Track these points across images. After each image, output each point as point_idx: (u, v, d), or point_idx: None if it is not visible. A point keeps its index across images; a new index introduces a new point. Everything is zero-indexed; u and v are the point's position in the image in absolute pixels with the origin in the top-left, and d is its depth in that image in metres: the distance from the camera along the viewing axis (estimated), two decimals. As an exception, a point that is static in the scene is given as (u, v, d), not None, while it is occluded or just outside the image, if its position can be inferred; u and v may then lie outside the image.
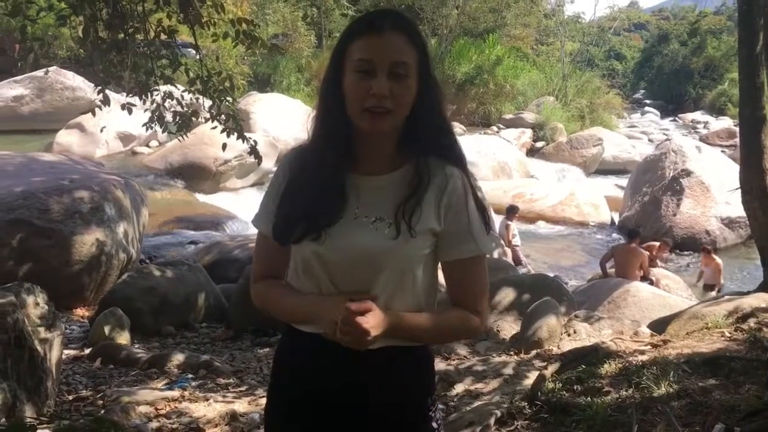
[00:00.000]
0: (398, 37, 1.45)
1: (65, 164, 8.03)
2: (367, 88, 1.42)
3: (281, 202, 1.53)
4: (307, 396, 1.55)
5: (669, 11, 66.01)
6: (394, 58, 1.43)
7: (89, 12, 5.15)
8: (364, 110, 1.44)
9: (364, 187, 1.51)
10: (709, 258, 10.44)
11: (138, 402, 3.83)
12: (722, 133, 27.40)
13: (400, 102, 1.44)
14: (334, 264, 1.48)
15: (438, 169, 1.51)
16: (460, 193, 1.51)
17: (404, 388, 1.54)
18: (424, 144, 1.51)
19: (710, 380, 3.34)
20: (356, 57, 1.44)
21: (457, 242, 1.51)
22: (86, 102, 14.90)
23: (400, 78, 1.43)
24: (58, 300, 4.48)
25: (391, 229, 1.46)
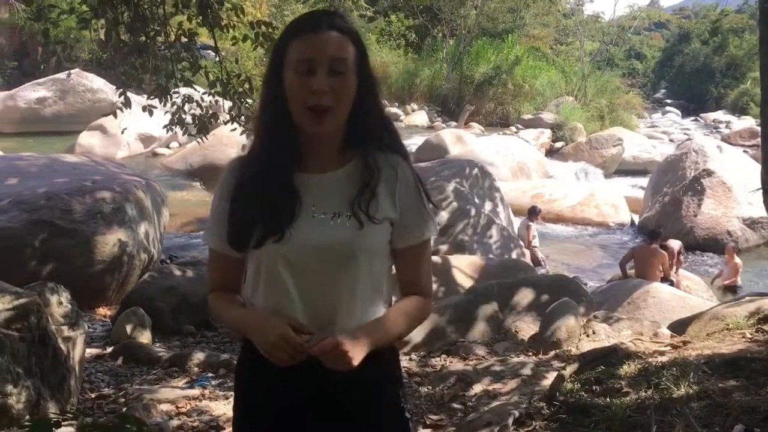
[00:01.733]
0: (336, 35, 1.46)
1: (87, 165, 8.13)
2: (308, 86, 1.43)
3: (233, 209, 1.52)
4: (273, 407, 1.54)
5: (690, 10, 65.38)
6: (333, 55, 1.45)
7: (111, 15, 5.22)
8: (306, 110, 1.45)
9: (314, 185, 1.52)
10: (731, 257, 10.39)
11: (159, 400, 3.88)
12: (744, 132, 27.07)
13: (340, 98, 1.45)
14: (300, 264, 1.48)
15: (384, 161, 1.54)
16: (410, 180, 1.55)
17: (376, 387, 1.55)
18: (369, 138, 1.54)
19: (731, 381, 3.32)
20: (295, 57, 1.45)
21: (414, 228, 1.56)
22: (108, 104, 15.02)
23: (340, 75, 1.45)
24: (81, 299, 4.54)
25: (351, 221, 1.48)
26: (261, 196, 1.49)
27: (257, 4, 22.57)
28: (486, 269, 6.95)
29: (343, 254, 1.48)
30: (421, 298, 1.60)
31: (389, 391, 1.60)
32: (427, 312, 1.65)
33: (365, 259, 1.50)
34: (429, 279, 1.64)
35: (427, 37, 28.34)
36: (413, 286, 1.60)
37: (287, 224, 1.47)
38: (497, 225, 9.49)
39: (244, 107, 5.85)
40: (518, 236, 10.41)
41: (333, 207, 1.50)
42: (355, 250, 1.48)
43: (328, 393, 1.51)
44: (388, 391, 1.59)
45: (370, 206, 1.50)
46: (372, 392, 1.54)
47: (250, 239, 1.49)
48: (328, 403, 1.52)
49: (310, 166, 1.53)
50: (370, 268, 1.52)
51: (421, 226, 1.57)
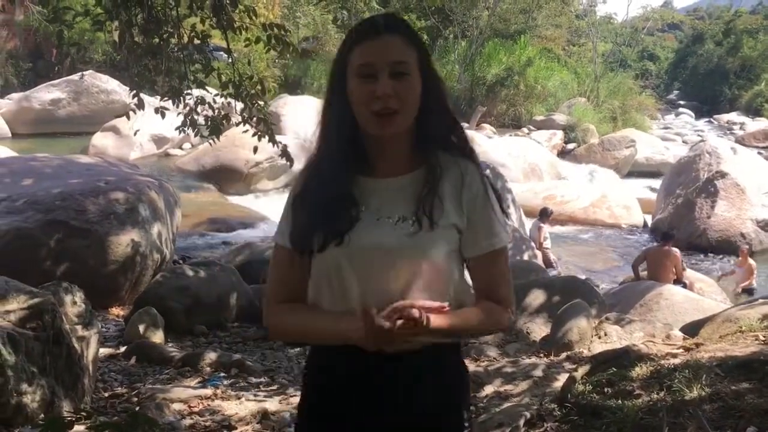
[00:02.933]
0: (395, 38, 1.47)
1: (101, 166, 8.18)
2: (372, 92, 1.44)
3: (297, 212, 1.54)
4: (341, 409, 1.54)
5: (704, 11, 64.98)
6: (394, 58, 1.45)
7: (125, 17, 5.25)
8: (372, 114, 1.45)
9: (382, 189, 1.52)
10: (745, 259, 10.32)
11: (172, 399, 3.90)
12: (759, 134, 26.90)
13: (405, 100, 1.45)
14: (363, 267, 1.47)
15: (451, 164, 1.52)
16: (479, 186, 1.52)
17: (442, 395, 1.53)
18: (437, 141, 1.53)
19: (743, 384, 3.30)
20: (357, 63, 1.46)
21: (484, 236, 1.52)
22: (121, 105, 15.12)
23: (402, 77, 1.45)
24: (95, 299, 4.58)
25: (414, 225, 1.47)
26: (321, 202, 1.49)
27: (269, 6, 22.65)
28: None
29: (403, 258, 1.46)
30: (496, 305, 1.55)
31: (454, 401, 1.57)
32: (504, 320, 1.59)
33: (427, 263, 1.47)
34: (506, 289, 1.58)
35: (439, 38, 28.32)
36: (487, 296, 1.56)
37: (347, 229, 1.47)
38: (509, 226, 9.45)
39: (256, 109, 5.87)
40: (530, 238, 10.39)
41: (399, 211, 1.49)
42: (415, 254, 1.46)
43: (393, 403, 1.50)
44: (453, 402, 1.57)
45: (434, 211, 1.48)
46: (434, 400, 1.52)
47: (312, 244, 1.49)
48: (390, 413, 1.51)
49: (377, 170, 1.53)
50: (434, 273, 1.49)
51: (490, 234, 1.53)
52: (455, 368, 1.59)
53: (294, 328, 1.59)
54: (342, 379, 1.52)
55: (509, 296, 1.58)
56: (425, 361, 1.49)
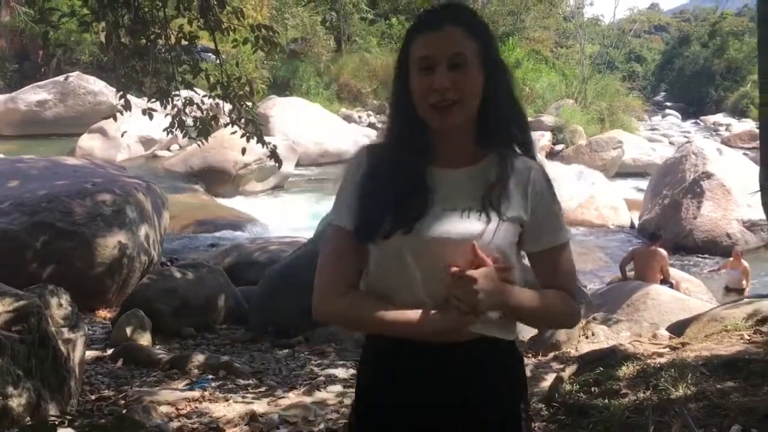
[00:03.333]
0: (455, 29, 1.46)
1: (88, 168, 8.14)
2: (430, 84, 1.44)
3: (362, 201, 1.50)
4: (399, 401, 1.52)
5: (690, 13, 65.39)
6: (452, 50, 1.44)
7: (111, 18, 5.24)
8: (430, 107, 1.45)
9: (446, 180, 1.51)
10: (738, 261, 10.35)
11: (159, 402, 3.88)
12: (744, 135, 27.10)
13: (464, 91, 1.44)
14: (427, 256, 1.46)
15: (519, 161, 1.53)
16: (543, 183, 1.53)
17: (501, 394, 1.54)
18: (500, 133, 1.53)
19: (728, 382, 3.33)
20: (417, 55, 1.47)
21: (548, 230, 1.53)
22: (108, 106, 15.06)
23: (460, 68, 1.44)
24: (81, 301, 4.56)
25: (482, 216, 1.47)
26: (391, 189, 1.48)
27: (258, 7, 22.61)
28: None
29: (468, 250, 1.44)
30: (564, 293, 1.55)
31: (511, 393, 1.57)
32: (576, 312, 1.62)
33: (491, 255, 1.45)
34: (571, 284, 1.58)
35: (427, 40, 28.31)
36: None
37: (416, 218, 1.46)
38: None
39: (245, 110, 5.87)
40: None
41: (464, 203, 1.48)
42: (482, 245, 1.44)
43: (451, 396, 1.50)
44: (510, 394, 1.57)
45: (501, 203, 1.48)
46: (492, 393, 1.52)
47: (378, 231, 1.47)
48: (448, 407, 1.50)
49: (441, 160, 1.52)
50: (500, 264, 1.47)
51: (554, 230, 1.54)
52: (511, 362, 1.59)
53: (356, 318, 1.54)
54: (401, 371, 1.51)
55: (573, 289, 1.58)
56: (482, 355, 1.50)
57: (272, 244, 8.80)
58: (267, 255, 8.13)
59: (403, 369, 1.51)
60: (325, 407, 3.93)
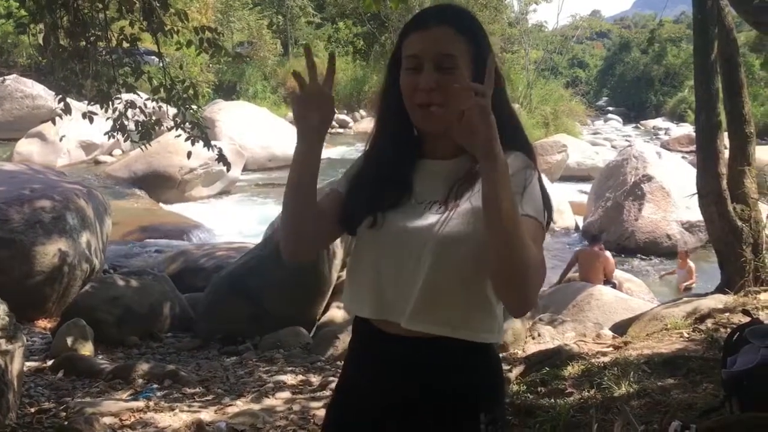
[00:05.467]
0: (445, 29, 1.44)
1: (26, 174, 7.90)
2: (416, 83, 1.43)
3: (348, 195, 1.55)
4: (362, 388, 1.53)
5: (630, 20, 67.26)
6: (439, 51, 1.42)
7: (50, 20, 5.10)
8: (415, 106, 1.44)
9: (429, 172, 1.51)
10: (684, 261, 10.70)
11: (102, 413, 3.78)
12: (683, 139, 27.91)
13: (450, 94, 1.39)
14: (382, 246, 1.47)
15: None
16: (515, 165, 1.39)
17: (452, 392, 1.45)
18: None
19: (669, 380, 3.43)
20: (406, 54, 1.46)
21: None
22: (47, 110, 14.69)
23: (448, 70, 1.42)
24: (20, 311, 4.41)
25: (440, 208, 1.44)
26: (369, 189, 1.50)
27: (203, 10, 22.33)
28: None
29: (420, 241, 1.42)
30: None
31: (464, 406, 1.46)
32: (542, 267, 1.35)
33: (445, 248, 1.40)
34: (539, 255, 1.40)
35: (374, 44, 28.46)
36: None
37: (382, 210, 1.47)
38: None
39: (189, 113, 5.78)
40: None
41: (433, 195, 1.47)
42: (427, 236, 1.41)
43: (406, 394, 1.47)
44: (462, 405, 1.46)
45: (463, 196, 1.43)
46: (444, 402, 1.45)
47: (353, 219, 1.51)
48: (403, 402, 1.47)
49: (427, 152, 1.52)
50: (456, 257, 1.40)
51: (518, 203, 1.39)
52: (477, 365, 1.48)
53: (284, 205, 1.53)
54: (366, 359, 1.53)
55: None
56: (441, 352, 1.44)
57: (219, 249, 8.68)
58: (214, 261, 8.02)
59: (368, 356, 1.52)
60: (273, 414, 3.89)
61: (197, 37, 5.30)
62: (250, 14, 26.03)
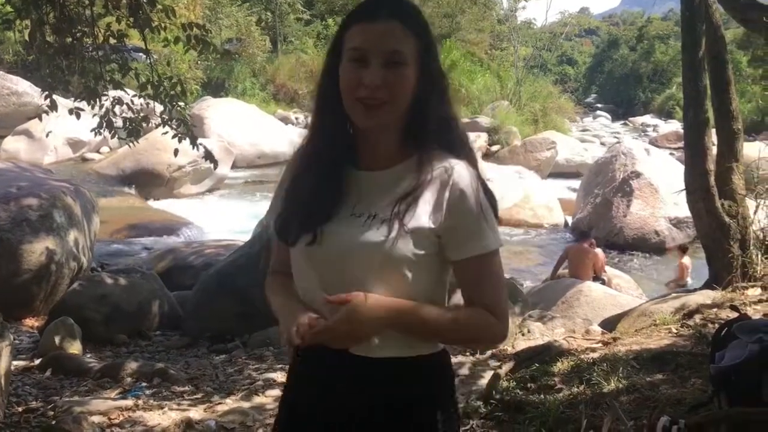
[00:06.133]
0: (395, 24, 1.36)
1: (12, 171, 7.85)
2: (360, 78, 1.34)
3: (282, 204, 1.48)
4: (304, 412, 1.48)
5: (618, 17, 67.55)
6: (389, 47, 1.34)
7: (36, 16, 5.05)
8: (357, 101, 1.35)
9: (364, 182, 1.42)
10: (679, 257, 10.75)
11: (90, 412, 3.76)
12: (671, 135, 28.09)
13: (396, 92, 1.35)
14: (323, 264, 1.40)
15: (440, 162, 1.39)
16: (466, 186, 1.37)
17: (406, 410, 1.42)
18: (427, 136, 1.41)
19: (657, 375, 3.44)
20: (350, 45, 1.37)
21: (465, 239, 1.38)
22: (33, 107, 14.55)
23: (396, 67, 1.34)
24: (7, 310, 4.40)
25: (382, 226, 1.36)
26: (303, 194, 1.42)
27: (191, 7, 22.21)
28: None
29: (360, 259, 1.37)
30: (488, 312, 1.39)
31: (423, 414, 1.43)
32: (495, 332, 1.42)
33: (391, 268, 1.36)
34: (497, 298, 1.41)
35: (363, 41, 28.39)
36: (475, 302, 1.41)
37: (319, 224, 1.39)
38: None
39: (176, 110, 5.74)
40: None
41: (372, 208, 1.39)
42: (372, 256, 1.36)
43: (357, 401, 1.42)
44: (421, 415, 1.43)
45: (408, 213, 1.36)
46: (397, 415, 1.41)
47: (288, 236, 1.44)
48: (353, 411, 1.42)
49: (364, 162, 1.43)
50: (400, 279, 1.37)
51: (476, 237, 1.38)
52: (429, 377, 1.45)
53: (269, 298, 1.57)
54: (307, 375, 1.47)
55: (500, 306, 1.42)
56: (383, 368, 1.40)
57: (208, 247, 8.65)
58: (202, 259, 7.99)
59: (309, 372, 1.46)
60: (263, 412, 3.88)
61: (185, 33, 5.27)
62: (239, 11, 25.92)
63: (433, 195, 1.38)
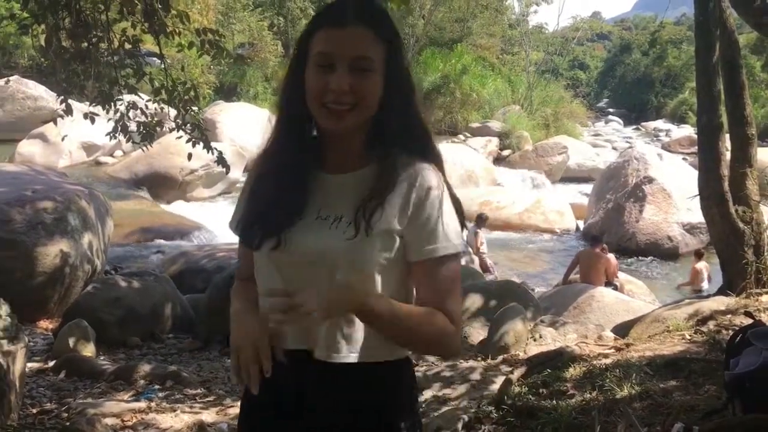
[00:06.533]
0: (362, 30, 1.34)
1: (28, 175, 7.91)
2: (326, 83, 1.33)
3: (245, 207, 1.47)
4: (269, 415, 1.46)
5: (631, 21, 67.25)
6: (356, 53, 1.33)
7: (52, 21, 5.10)
8: (322, 107, 1.34)
9: (329, 185, 1.42)
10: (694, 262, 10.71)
11: (104, 414, 3.79)
12: (684, 140, 27.93)
13: (362, 97, 1.34)
14: (287, 267, 1.39)
15: (407, 166, 1.39)
16: (430, 188, 1.38)
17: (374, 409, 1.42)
18: (393, 140, 1.40)
19: (671, 381, 3.42)
20: (316, 50, 1.35)
21: (426, 240, 1.37)
22: (48, 111, 14.67)
23: (363, 73, 1.33)
24: (22, 312, 4.42)
25: (349, 228, 1.35)
26: (267, 198, 1.41)
27: (204, 12, 22.34)
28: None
29: (325, 262, 1.36)
30: (447, 318, 1.38)
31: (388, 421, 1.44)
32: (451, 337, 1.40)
33: (358, 271, 1.36)
34: (454, 305, 1.40)
35: (375, 45, 28.45)
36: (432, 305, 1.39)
37: (285, 228, 1.38)
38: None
39: (190, 115, 5.78)
40: (467, 243, 10.52)
41: (338, 210, 1.38)
42: (338, 259, 1.35)
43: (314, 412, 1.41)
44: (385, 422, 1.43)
45: (374, 215, 1.35)
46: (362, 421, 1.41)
47: (253, 241, 1.42)
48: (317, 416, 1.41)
49: (329, 165, 1.43)
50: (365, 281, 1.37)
51: (434, 239, 1.37)
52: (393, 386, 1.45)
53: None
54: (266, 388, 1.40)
55: (456, 313, 1.40)
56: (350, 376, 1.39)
57: (220, 250, 8.68)
58: (215, 262, 8.02)
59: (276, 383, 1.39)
60: (275, 415, 3.88)
61: (199, 38, 5.30)
62: (251, 16, 26.02)
63: (399, 197, 1.37)
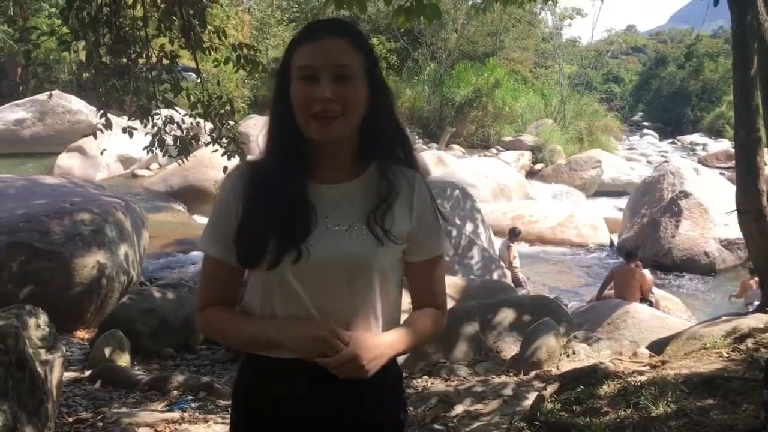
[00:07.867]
0: (339, 40, 1.43)
1: (66, 187, 8.07)
2: (311, 94, 1.39)
3: (244, 225, 1.45)
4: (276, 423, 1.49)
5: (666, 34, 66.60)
6: (336, 61, 1.40)
7: (92, 37, 5.23)
8: (311, 117, 1.40)
9: (328, 195, 1.47)
10: (749, 278, 10.49)
11: (138, 423, 3.83)
12: (721, 155, 27.48)
13: (347, 104, 1.40)
14: (315, 278, 1.42)
15: (401, 174, 1.50)
16: (425, 195, 1.53)
17: (384, 407, 1.53)
18: (383, 150, 1.50)
19: (708, 400, 3.35)
20: (298, 64, 1.42)
21: (428, 243, 1.53)
22: (87, 125, 14.97)
23: (346, 80, 1.40)
24: (59, 322, 4.49)
25: (368, 236, 1.44)
26: (273, 212, 1.43)
27: (239, 27, 22.66)
28: (467, 290, 6.98)
29: (359, 269, 1.44)
30: (438, 311, 1.59)
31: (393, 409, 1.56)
32: (443, 326, 1.62)
33: (381, 275, 1.46)
34: (444, 296, 1.62)
35: (408, 59, 28.59)
36: (428, 301, 1.58)
37: (302, 239, 1.41)
38: (478, 246, 9.54)
39: (225, 129, 5.87)
40: (499, 257, 10.46)
41: (347, 219, 1.45)
42: (372, 265, 1.44)
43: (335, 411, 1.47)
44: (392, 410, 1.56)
45: (386, 221, 1.45)
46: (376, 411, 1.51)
47: (263, 257, 1.42)
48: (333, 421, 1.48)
49: (321, 176, 1.48)
50: (385, 284, 1.48)
51: (435, 241, 1.54)
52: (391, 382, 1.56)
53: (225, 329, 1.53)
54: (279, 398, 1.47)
55: (446, 304, 1.63)
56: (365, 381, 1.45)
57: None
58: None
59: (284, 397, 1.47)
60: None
61: (234, 53, 5.39)
62: (285, 30, 26.32)
63: (403, 202, 1.49)
